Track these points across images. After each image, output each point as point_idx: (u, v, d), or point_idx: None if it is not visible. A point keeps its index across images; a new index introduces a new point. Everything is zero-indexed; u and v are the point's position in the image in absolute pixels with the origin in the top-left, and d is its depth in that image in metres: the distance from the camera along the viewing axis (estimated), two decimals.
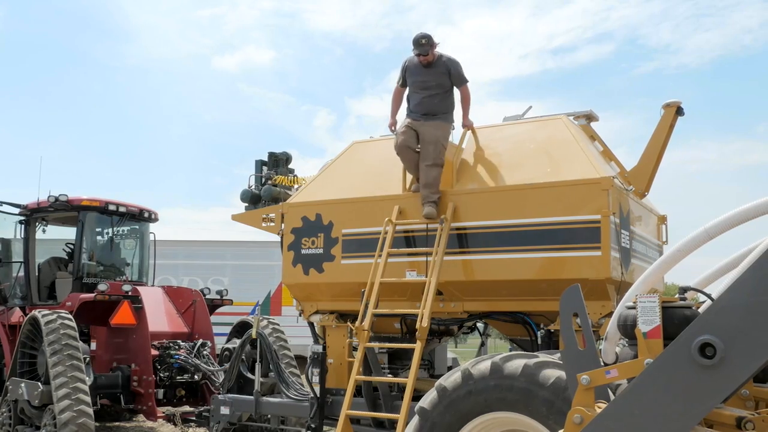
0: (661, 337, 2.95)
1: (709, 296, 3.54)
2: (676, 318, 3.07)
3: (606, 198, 6.09)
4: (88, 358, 9.42)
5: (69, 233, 11.27)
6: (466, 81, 7.27)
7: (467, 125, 7.25)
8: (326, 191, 7.66)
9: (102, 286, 9.96)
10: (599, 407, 2.88)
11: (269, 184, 8.72)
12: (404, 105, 7.44)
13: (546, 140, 6.82)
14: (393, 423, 6.48)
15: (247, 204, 8.84)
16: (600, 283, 6.07)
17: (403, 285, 6.84)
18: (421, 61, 7.21)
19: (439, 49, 7.21)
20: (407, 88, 7.41)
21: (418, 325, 6.47)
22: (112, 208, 11.06)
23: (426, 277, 6.66)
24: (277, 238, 8.02)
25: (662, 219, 8.01)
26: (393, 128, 7.44)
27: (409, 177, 7.12)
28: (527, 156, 6.79)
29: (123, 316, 9.90)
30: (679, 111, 6.71)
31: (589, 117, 7.27)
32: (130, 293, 10.09)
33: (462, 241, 6.69)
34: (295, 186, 8.72)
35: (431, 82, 7.21)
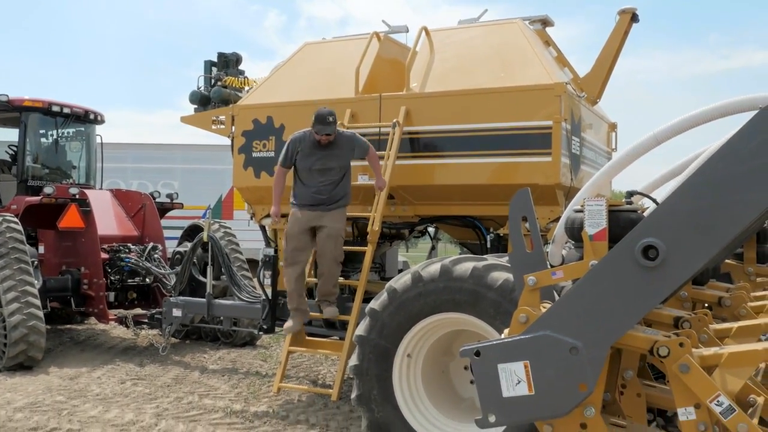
0: (606, 239, 3.01)
1: (654, 200, 3.62)
2: (621, 221, 3.14)
3: (558, 104, 6.10)
4: (36, 262, 9.32)
5: (11, 135, 10.93)
6: (369, 145, 6.52)
7: (381, 186, 6.47)
8: (278, 94, 7.52)
9: (48, 189, 9.75)
10: (544, 307, 2.96)
11: (219, 86, 8.53)
12: None
13: (500, 44, 6.75)
14: (344, 324, 6.60)
15: (196, 106, 8.65)
16: (549, 188, 6.15)
17: (355, 188, 6.83)
18: (322, 141, 6.39)
19: None
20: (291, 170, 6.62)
21: (369, 229, 6.52)
22: (55, 109, 10.71)
23: None
24: (228, 141, 7.90)
25: (612, 126, 8.08)
26: (278, 218, 6.71)
27: (363, 79, 6.98)
28: (481, 60, 6.72)
29: (71, 219, 9.75)
30: (634, 18, 6.70)
31: (545, 22, 7.20)
32: (77, 196, 9.91)
33: (414, 145, 6.67)
34: (246, 88, 8.54)
35: (332, 163, 6.43)
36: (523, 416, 2.87)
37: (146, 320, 9.75)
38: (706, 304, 4.51)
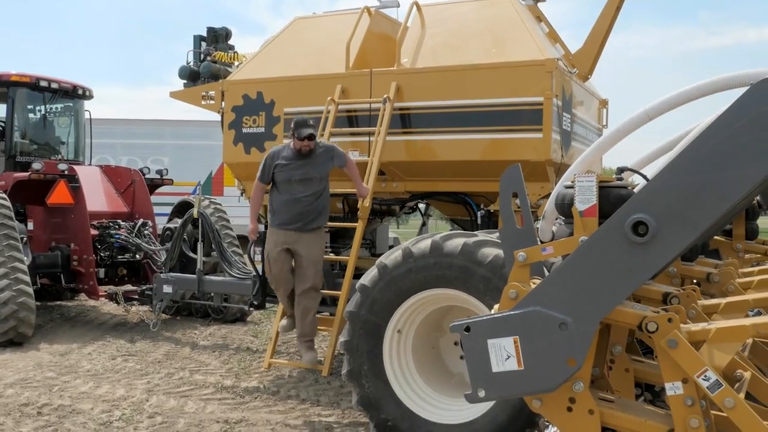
0: (596, 215, 3.01)
1: (644, 177, 3.62)
2: (612, 197, 3.14)
3: (549, 80, 6.08)
4: (25, 238, 9.28)
5: None
6: (346, 155, 6.36)
7: (363, 195, 6.35)
8: (268, 69, 7.46)
9: (36, 165, 9.69)
10: (534, 283, 2.96)
11: (208, 61, 8.49)
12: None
13: (492, 20, 6.72)
14: (335, 299, 6.61)
15: (185, 81, 8.61)
16: (540, 164, 6.15)
17: None
18: (302, 150, 6.11)
19: None
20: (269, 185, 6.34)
21: (359, 205, 6.51)
22: (43, 84, 10.61)
23: (368, 156, 6.65)
24: (218, 117, 7.86)
25: (603, 103, 8.08)
26: (255, 235, 6.55)
27: (353, 55, 6.94)
28: (472, 36, 6.69)
29: (60, 195, 9.71)
30: None
31: None
32: (66, 172, 9.85)
33: (405, 121, 6.65)
34: (236, 63, 8.50)
35: (313, 173, 6.16)
36: (512, 391, 2.88)
37: (137, 296, 9.75)
38: (695, 280, 4.53)
